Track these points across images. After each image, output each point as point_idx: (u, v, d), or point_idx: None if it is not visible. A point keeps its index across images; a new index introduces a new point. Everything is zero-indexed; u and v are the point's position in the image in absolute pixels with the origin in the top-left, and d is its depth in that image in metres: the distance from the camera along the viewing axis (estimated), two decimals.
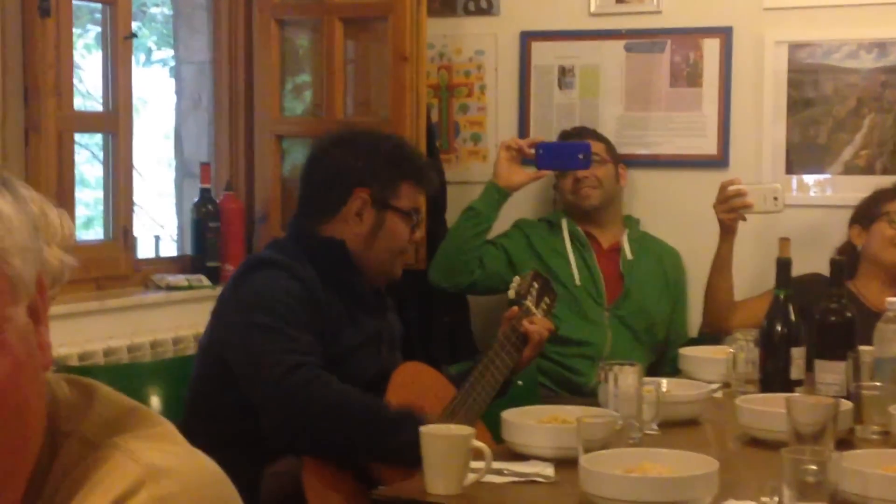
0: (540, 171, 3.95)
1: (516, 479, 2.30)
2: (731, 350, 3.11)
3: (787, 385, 2.90)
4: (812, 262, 3.72)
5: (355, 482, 2.61)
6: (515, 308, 2.99)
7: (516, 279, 3.07)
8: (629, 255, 4.06)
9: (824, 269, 3.19)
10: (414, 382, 2.87)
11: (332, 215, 2.87)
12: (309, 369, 2.62)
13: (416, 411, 2.63)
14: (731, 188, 3.75)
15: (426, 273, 4.02)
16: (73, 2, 3.63)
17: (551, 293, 3.10)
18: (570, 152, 3.97)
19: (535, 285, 3.04)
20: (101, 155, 4.00)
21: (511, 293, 3.03)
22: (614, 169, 4.12)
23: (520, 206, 4.32)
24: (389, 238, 2.87)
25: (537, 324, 2.96)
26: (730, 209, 3.75)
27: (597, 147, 4.08)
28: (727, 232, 3.80)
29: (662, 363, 4.00)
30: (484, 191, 3.96)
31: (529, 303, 3.00)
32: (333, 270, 2.81)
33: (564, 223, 4.07)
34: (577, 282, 3.98)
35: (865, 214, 3.82)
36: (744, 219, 3.77)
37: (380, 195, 2.86)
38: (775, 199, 3.72)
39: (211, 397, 2.80)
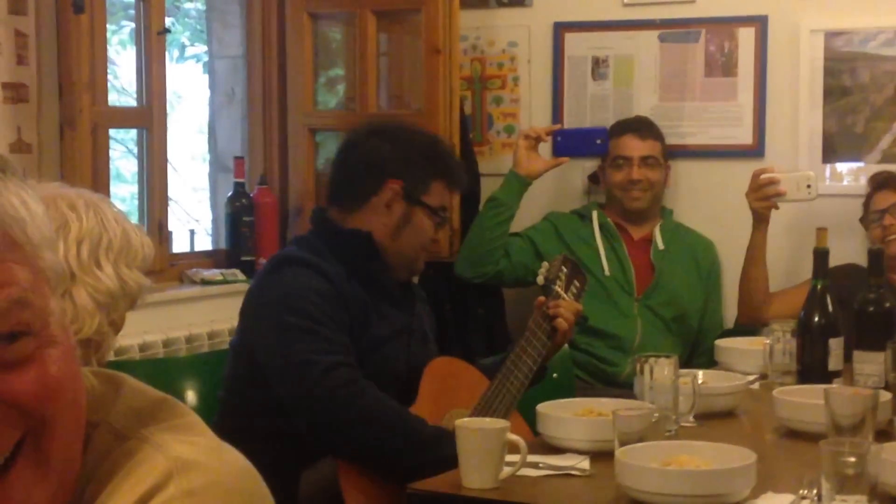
0: (558, 157, 3.94)
1: (552, 472, 2.29)
2: (768, 341, 3.08)
3: (825, 376, 2.87)
4: (850, 252, 3.69)
5: (392, 482, 2.60)
6: (542, 298, 2.97)
7: (545, 264, 3.04)
8: (660, 246, 4.04)
9: (862, 259, 3.16)
10: (447, 377, 2.86)
11: (362, 204, 2.87)
12: (346, 371, 2.62)
13: (451, 431, 2.62)
14: (764, 176, 3.74)
15: None
16: None
17: (581, 277, 3.08)
18: (587, 138, 3.97)
19: (564, 270, 3.01)
20: (137, 150, 4.02)
21: (539, 279, 3.00)
22: (665, 170, 4.09)
23: (552, 199, 4.31)
24: (415, 233, 2.87)
25: (564, 306, 2.94)
26: (763, 197, 3.73)
27: (654, 148, 4.05)
28: (760, 221, 3.79)
29: (698, 354, 3.98)
30: (505, 180, 3.98)
31: (559, 288, 2.98)
32: (359, 263, 2.81)
33: (595, 214, 4.06)
34: (607, 272, 3.97)
35: (863, 221, 3.83)
36: (776, 207, 3.76)
37: (411, 189, 2.86)
38: (808, 186, 3.70)
39: (244, 396, 2.80)
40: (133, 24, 4.03)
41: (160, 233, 3.85)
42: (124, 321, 1.89)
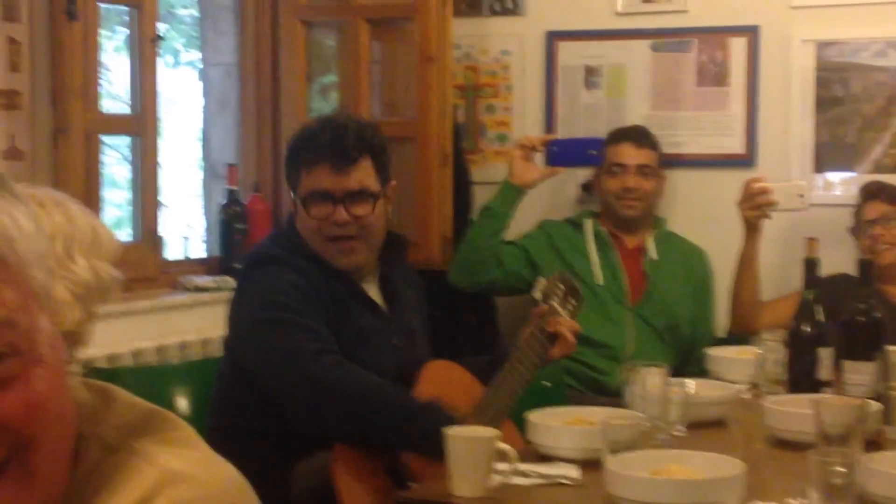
0: (553, 167, 3.95)
1: (542, 480, 2.30)
2: (759, 351, 3.09)
3: (815, 386, 2.88)
4: (841, 261, 3.70)
5: (385, 477, 2.62)
6: (545, 306, 2.98)
7: (542, 280, 3.05)
8: (653, 255, 4.05)
9: (853, 269, 3.17)
10: (443, 380, 2.88)
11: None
12: (332, 357, 2.65)
13: (441, 402, 2.64)
14: (756, 185, 3.75)
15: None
16: (101, 5, 3.65)
17: (577, 295, 3.09)
18: (582, 148, 3.97)
19: (561, 287, 3.03)
20: (130, 156, 4.02)
21: (537, 294, 3.02)
22: (660, 180, 4.09)
23: (545, 208, 4.32)
24: (302, 224, 2.89)
25: (564, 324, 2.96)
26: (754, 206, 3.74)
27: (651, 157, 4.05)
28: (752, 230, 3.80)
29: (689, 363, 3.98)
30: (499, 190, 3.97)
31: (556, 304, 2.99)
32: (327, 265, 2.84)
33: (589, 223, 4.06)
34: (600, 281, 3.97)
35: (853, 231, 3.85)
36: (768, 216, 3.77)
37: (292, 188, 2.92)
38: (800, 196, 3.71)
39: (234, 395, 2.82)
40: (128, 31, 4.03)
41: (153, 240, 3.86)
42: (97, 314, 1.92)
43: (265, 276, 2.78)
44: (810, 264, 2.98)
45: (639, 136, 4.08)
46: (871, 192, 3.82)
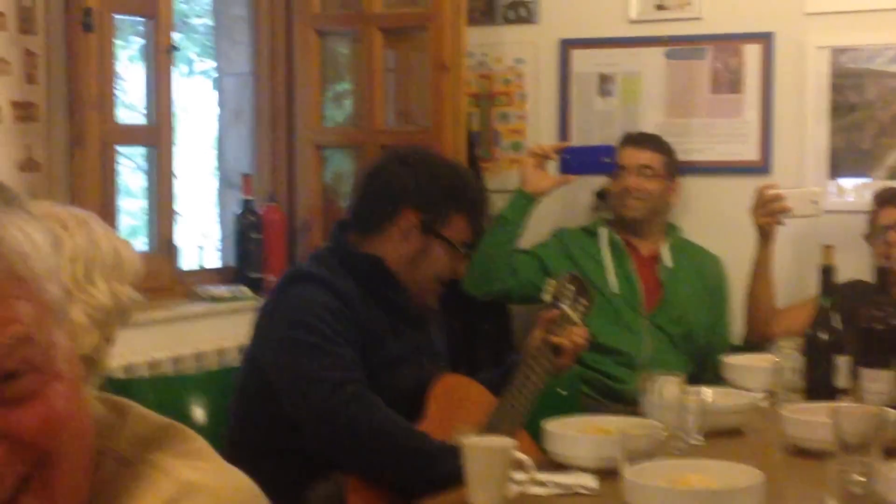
0: (566, 175, 3.94)
1: (559, 490, 2.29)
2: (776, 358, 3.08)
3: (833, 394, 2.87)
4: (856, 268, 3.69)
5: (399, 497, 2.60)
6: (556, 311, 2.96)
7: (551, 282, 3.02)
8: (668, 263, 4.04)
9: (868, 275, 3.16)
10: (453, 395, 2.86)
11: (378, 231, 2.86)
12: (353, 388, 2.62)
13: (457, 445, 2.62)
14: (769, 192, 3.74)
15: None
16: (116, 15, 3.66)
17: (587, 295, 3.06)
18: (594, 156, 3.97)
19: (571, 287, 2.99)
20: (145, 166, 4.03)
21: (546, 296, 2.99)
22: (666, 184, 4.08)
23: (559, 216, 4.32)
24: (431, 265, 2.85)
25: (575, 333, 2.93)
26: (768, 213, 3.73)
27: (653, 159, 4.05)
28: (765, 238, 3.79)
29: (705, 371, 3.97)
30: (512, 198, 3.96)
31: (566, 306, 2.97)
32: (373, 285, 2.81)
33: (604, 231, 4.06)
34: (615, 289, 3.97)
35: (868, 238, 3.84)
36: (782, 223, 3.76)
37: (430, 221, 2.84)
38: (814, 202, 3.71)
39: (255, 410, 2.80)
40: (143, 41, 4.04)
41: (168, 250, 3.86)
42: (116, 337, 1.92)
43: (300, 295, 2.74)
44: (827, 271, 2.97)
45: (640, 138, 4.09)
46: (886, 198, 3.82)
